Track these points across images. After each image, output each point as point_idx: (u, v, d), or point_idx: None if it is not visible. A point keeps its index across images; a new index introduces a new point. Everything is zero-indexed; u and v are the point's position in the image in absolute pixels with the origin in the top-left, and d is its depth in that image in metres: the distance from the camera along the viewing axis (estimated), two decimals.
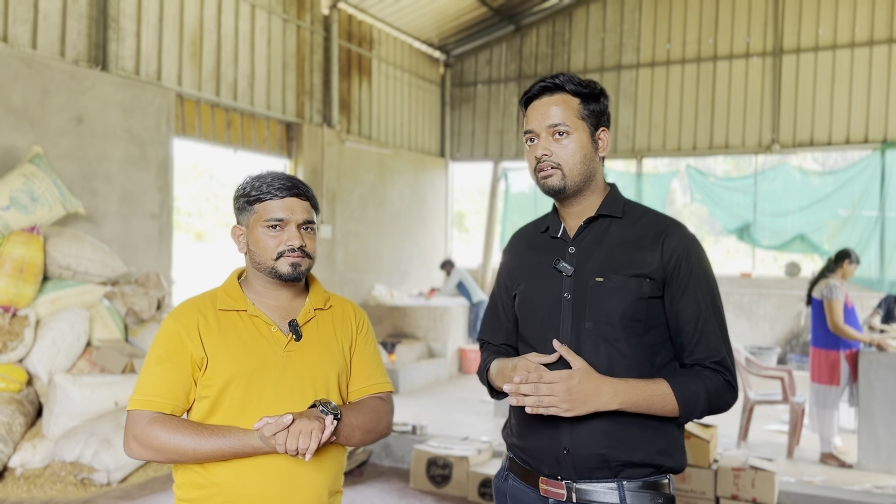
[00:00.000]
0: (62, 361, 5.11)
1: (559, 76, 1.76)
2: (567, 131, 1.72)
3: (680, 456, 1.75)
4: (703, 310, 1.69)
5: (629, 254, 1.71)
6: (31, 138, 5.87)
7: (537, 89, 1.76)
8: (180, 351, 1.74)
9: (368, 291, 10.29)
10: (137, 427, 1.70)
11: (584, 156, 1.74)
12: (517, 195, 12.22)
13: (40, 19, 6.09)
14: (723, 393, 1.68)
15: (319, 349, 1.83)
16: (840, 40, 9.66)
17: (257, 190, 1.79)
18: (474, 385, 8.96)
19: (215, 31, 7.80)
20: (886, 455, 5.44)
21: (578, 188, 1.75)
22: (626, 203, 1.80)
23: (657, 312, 1.70)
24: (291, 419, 1.60)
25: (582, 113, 1.73)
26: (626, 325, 1.68)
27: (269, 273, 1.79)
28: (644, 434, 1.68)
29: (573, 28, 11.29)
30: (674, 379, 1.66)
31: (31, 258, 5.12)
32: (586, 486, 1.68)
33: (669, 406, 1.64)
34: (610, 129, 1.81)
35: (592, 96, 1.75)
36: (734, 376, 1.70)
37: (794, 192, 9.94)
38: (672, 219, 1.79)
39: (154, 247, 6.96)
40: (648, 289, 1.69)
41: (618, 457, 1.67)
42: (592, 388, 1.59)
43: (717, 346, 1.69)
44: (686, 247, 1.71)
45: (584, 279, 1.72)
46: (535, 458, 1.76)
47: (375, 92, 10.63)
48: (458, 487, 4.87)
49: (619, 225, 1.76)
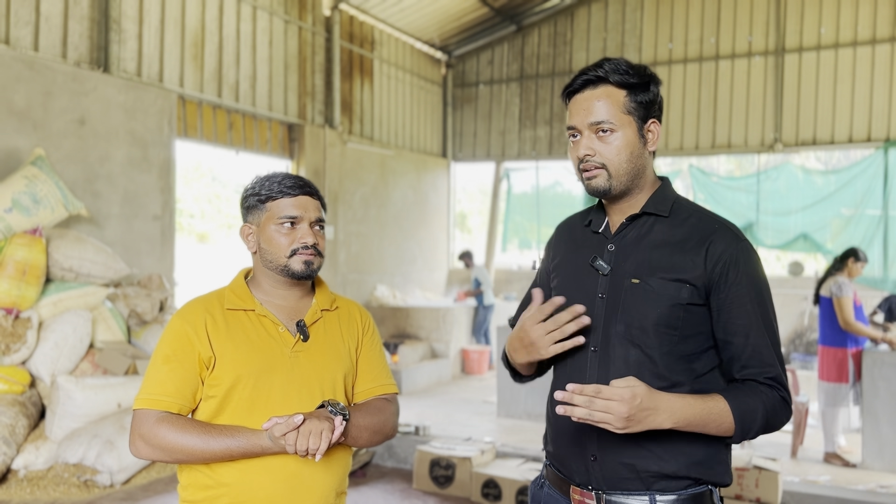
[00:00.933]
0: (65, 363, 5.11)
1: (603, 65, 1.60)
2: (612, 128, 1.58)
3: (722, 469, 1.61)
4: (755, 321, 1.55)
5: (670, 256, 1.59)
6: (34, 140, 5.87)
7: (580, 83, 1.61)
8: (188, 350, 1.73)
9: (371, 292, 10.29)
10: (144, 426, 1.68)
11: (631, 153, 1.60)
12: (519, 195, 12.21)
13: (42, 21, 6.09)
14: (779, 410, 1.55)
15: (326, 350, 1.83)
16: (842, 39, 9.64)
17: (269, 189, 1.78)
18: (477, 385, 8.96)
19: (217, 33, 7.80)
20: (891, 454, 5.43)
21: (626, 188, 1.63)
22: (676, 201, 1.66)
23: (698, 321, 1.57)
24: (302, 419, 1.59)
25: (628, 106, 1.59)
26: (659, 331, 1.56)
27: (282, 271, 1.78)
28: (678, 444, 1.56)
29: (575, 28, 11.29)
30: (731, 395, 1.53)
31: (33, 260, 5.12)
32: (617, 497, 1.59)
33: (726, 424, 1.52)
34: (662, 118, 1.67)
35: (641, 86, 1.60)
36: (789, 393, 1.57)
37: (796, 192, 9.92)
38: (723, 221, 1.63)
39: (156, 248, 6.97)
40: (688, 295, 1.56)
41: (647, 467, 1.57)
42: (651, 406, 1.45)
43: (771, 362, 1.55)
44: (734, 252, 1.56)
45: (620, 279, 1.61)
46: (566, 466, 1.68)
47: (377, 93, 10.63)
48: (462, 488, 4.87)
49: (664, 224, 1.63)
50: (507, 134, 11.91)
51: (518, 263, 12.60)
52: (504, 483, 4.72)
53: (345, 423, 1.66)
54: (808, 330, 9.76)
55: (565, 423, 1.63)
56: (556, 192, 12.16)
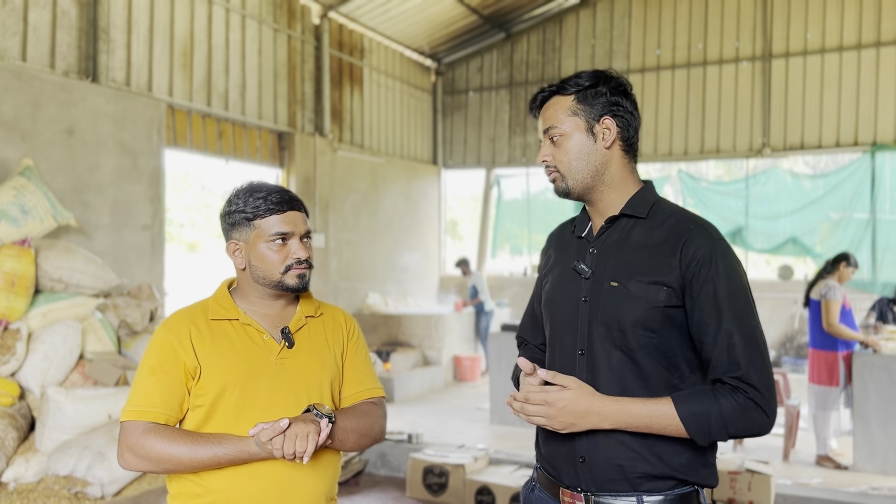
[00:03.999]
0: (55, 374, 5.07)
1: (554, 83, 1.72)
2: (560, 133, 1.67)
3: (708, 472, 1.63)
4: (724, 320, 1.55)
5: (648, 258, 1.62)
6: (22, 151, 5.85)
7: (538, 101, 1.73)
8: (173, 361, 1.74)
9: (362, 300, 10.28)
10: (132, 438, 1.69)
11: (580, 152, 1.66)
12: (510, 202, 12.24)
13: (30, 31, 6.07)
14: (744, 413, 1.52)
15: (312, 356, 1.84)
16: (828, 44, 9.72)
17: (255, 206, 1.79)
18: (470, 392, 8.95)
19: (206, 42, 7.80)
20: (882, 456, 5.45)
21: (587, 187, 1.69)
22: (657, 203, 1.69)
23: (676, 322, 1.60)
24: (288, 423, 1.60)
25: (574, 108, 1.66)
26: (637, 333, 1.59)
27: (275, 286, 1.80)
28: (665, 446, 1.59)
29: (563, 35, 11.34)
30: (680, 398, 1.55)
31: (22, 271, 5.09)
32: (605, 498, 1.62)
33: (673, 427, 1.54)
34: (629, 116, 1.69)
35: (589, 87, 1.67)
36: (764, 395, 1.52)
37: (785, 196, 9.99)
38: (700, 222, 1.65)
39: (146, 258, 6.94)
40: (665, 297, 1.58)
41: (635, 468, 1.60)
42: (582, 409, 1.55)
43: (740, 362, 1.53)
44: (708, 252, 1.58)
45: (600, 282, 1.65)
46: (556, 468, 1.72)
47: (367, 100, 10.64)
48: (455, 495, 4.86)
49: (643, 226, 1.66)
50: (497, 141, 11.94)
51: (509, 270, 12.61)
52: (497, 490, 4.71)
53: (331, 425, 1.68)
54: (799, 333, 9.80)
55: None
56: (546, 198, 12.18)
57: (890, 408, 5.45)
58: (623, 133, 1.68)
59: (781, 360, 9.66)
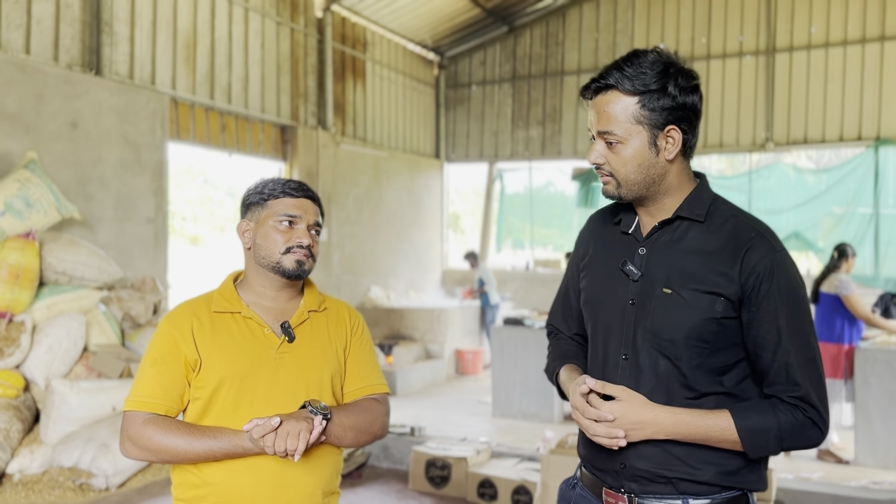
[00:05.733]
0: (59, 367, 5.10)
1: (618, 69, 1.51)
2: (618, 140, 1.52)
3: (756, 477, 1.56)
4: (785, 337, 1.49)
5: (704, 266, 1.52)
6: (26, 144, 5.86)
7: (593, 90, 1.55)
8: (174, 353, 1.77)
9: (365, 294, 10.29)
10: (132, 428, 1.73)
11: (640, 164, 1.53)
12: (512, 196, 12.23)
13: (33, 24, 6.08)
14: (802, 430, 1.48)
15: (313, 351, 1.85)
16: (832, 38, 9.70)
17: (272, 188, 1.83)
18: (472, 386, 8.97)
19: (209, 35, 7.79)
20: (883, 451, 5.46)
21: (640, 195, 1.57)
22: (714, 203, 1.58)
23: (730, 333, 1.52)
24: (279, 421, 1.62)
25: (638, 115, 1.50)
26: (690, 344, 1.51)
27: (273, 269, 1.81)
28: (709, 454, 1.53)
29: (567, 28, 11.32)
30: (739, 412, 1.49)
31: (26, 264, 5.11)
32: (649, 500, 1.57)
33: (729, 441, 1.49)
34: (695, 118, 1.55)
35: (657, 91, 1.49)
36: (821, 414, 1.49)
37: (788, 190, 9.97)
38: (761, 228, 1.55)
39: (150, 251, 6.95)
40: (722, 308, 1.50)
41: (678, 475, 1.55)
42: (637, 419, 1.49)
43: (799, 381, 1.48)
44: (769, 265, 1.49)
45: (651, 287, 1.56)
46: (599, 467, 1.66)
47: (370, 94, 10.64)
48: (457, 488, 4.88)
49: (699, 230, 1.55)
50: (499, 134, 11.93)
51: (512, 264, 12.62)
52: (500, 483, 4.73)
53: (325, 422, 1.69)
54: None
55: None
56: (548, 192, 12.18)
57: (892, 402, 5.46)
58: (687, 139, 1.55)
59: None
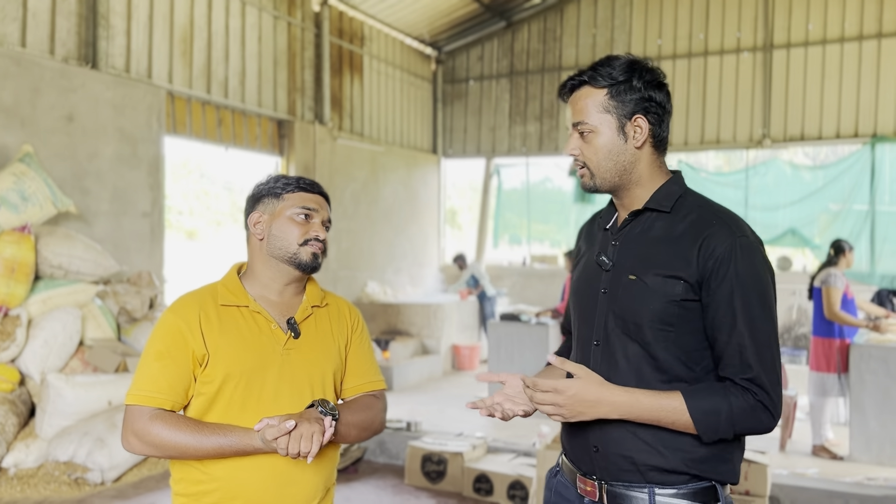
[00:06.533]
0: (55, 361, 5.09)
1: (586, 71, 1.65)
2: (590, 129, 1.63)
3: (727, 469, 1.60)
4: (740, 321, 1.54)
5: (667, 252, 1.60)
6: (22, 137, 5.84)
7: (568, 88, 1.68)
8: (181, 346, 1.73)
9: (362, 289, 10.29)
10: (138, 423, 1.70)
11: (610, 152, 1.63)
12: (510, 191, 12.23)
13: (29, 17, 6.05)
14: (753, 413, 1.52)
15: (317, 347, 1.84)
16: (830, 35, 9.70)
17: (287, 182, 1.85)
18: (468, 381, 8.98)
19: (206, 29, 7.77)
20: (877, 447, 5.48)
21: (613, 185, 1.67)
22: (683, 196, 1.67)
23: (694, 317, 1.58)
24: (294, 424, 1.60)
25: (607, 105, 1.62)
26: (655, 328, 1.58)
27: (289, 260, 1.81)
28: (679, 439, 1.57)
29: (564, 24, 11.30)
30: (691, 393, 1.54)
31: (22, 257, 5.09)
32: (618, 488, 1.62)
33: (682, 422, 1.53)
34: (662, 112, 1.65)
35: (623, 83, 1.61)
36: (772, 397, 1.53)
37: (785, 187, 9.98)
38: (725, 216, 1.63)
39: (146, 245, 6.94)
40: (682, 291, 1.56)
41: (646, 461, 1.59)
42: (591, 399, 1.55)
43: (752, 363, 1.53)
44: (729, 248, 1.55)
45: (620, 275, 1.65)
46: (576, 456, 1.73)
47: (367, 89, 10.62)
48: (453, 483, 4.89)
49: (666, 220, 1.64)
50: (497, 130, 11.92)
51: (508, 259, 12.62)
52: (495, 478, 4.74)
53: (334, 423, 1.68)
54: (797, 324, 9.83)
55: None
56: (546, 187, 12.16)
57: (886, 399, 5.47)
58: (654, 129, 1.65)
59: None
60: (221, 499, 1.73)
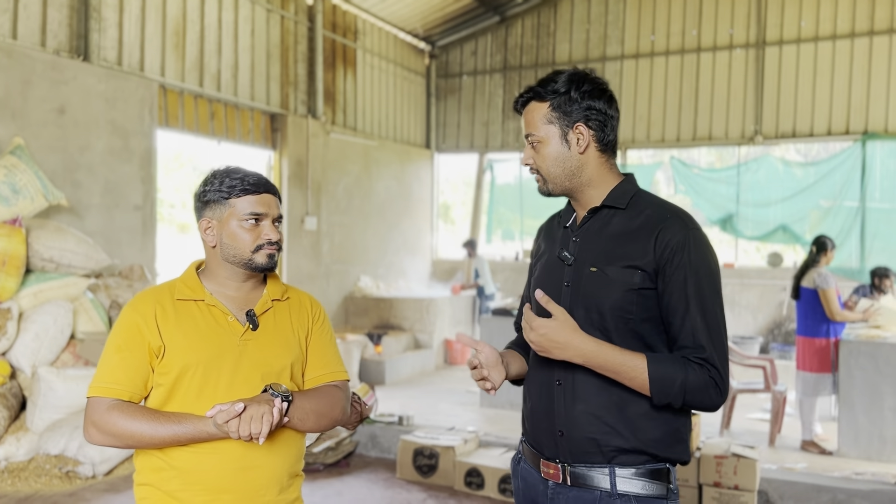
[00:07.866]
0: (46, 354, 5.08)
1: (533, 88, 1.79)
2: (538, 139, 1.78)
3: (681, 448, 1.75)
4: (692, 306, 1.67)
5: (624, 245, 1.73)
6: (13, 129, 5.81)
7: (520, 103, 1.82)
8: (138, 340, 1.78)
9: (354, 283, 10.29)
10: (96, 413, 1.75)
11: (556, 159, 1.78)
12: (503, 186, 12.24)
13: (20, 9, 6.01)
14: (705, 389, 1.65)
15: (275, 339, 1.88)
16: (822, 32, 9.74)
17: (231, 185, 1.82)
18: (460, 376, 9.00)
19: (198, 22, 7.74)
20: (866, 442, 5.53)
21: (566, 188, 1.80)
22: (636, 195, 1.80)
23: (651, 304, 1.70)
24: (243, 407, 1.65)
25: (549, 116, 1.76)
26: (615, 315, 1.70)
27: (245, 265, 1.83)
28: (639, 422, 1.70)
29: (558, 19, 11.30)
30: (655, 359, 1.66)
31: (13, 250, 5.07)
32: (580, 469, 1.73)
33: (639, 380, 1.65)
34: (604, 118, 1.76)
35: (563, 94, 1.75)
36: (722, 377, 1.66)
37: (776, 183, 10.03)
38: (676, 211, 1.76)
39: (138, 239, 6.92)
40: (640, 280, 1.69)
41: (609, 442, 1.71)
42: (561, 341, 1.66)
43: (704, 344, 1.66)
44: (682, 239, 1.68)
45: (581, 268, 1.77)
46: (538, 441, 1.83)
47: (360, 83, 10.60)
48: (445, 477, 4.90)
49: (622, 216, 1.77)
50: (490, 125, 11.93)
51: (501, 254, 12.64)
52: (487, 471, 4.76)
53: (286, 404, 1.72)
54: (787, 320, 9.88)
55: (538, 402, 1.83)
56: None
57: (874, 395, 5.52)
58: (598, 135, 1.77)
59: (769, 347, 9.75)
60: (182, 485, 1.77)
